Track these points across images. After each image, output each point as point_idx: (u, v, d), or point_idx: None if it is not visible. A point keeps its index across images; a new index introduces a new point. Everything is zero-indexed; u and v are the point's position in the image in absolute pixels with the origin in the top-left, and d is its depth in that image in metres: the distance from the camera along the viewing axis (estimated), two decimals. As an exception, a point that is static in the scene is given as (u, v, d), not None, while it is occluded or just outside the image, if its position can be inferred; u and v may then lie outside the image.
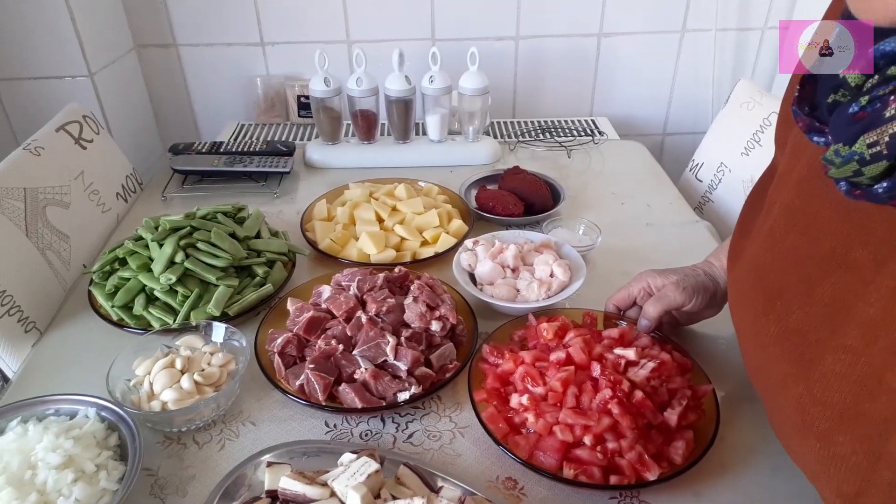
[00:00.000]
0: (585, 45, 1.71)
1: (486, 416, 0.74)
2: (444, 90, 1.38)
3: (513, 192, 1.20)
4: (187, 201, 1.31)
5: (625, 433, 0.69)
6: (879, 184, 0.42)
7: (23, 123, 1.47)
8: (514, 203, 1.17)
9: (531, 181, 1.21)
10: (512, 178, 1.23)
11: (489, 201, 1.18)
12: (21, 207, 0.99)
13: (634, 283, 0.88)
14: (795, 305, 0.55)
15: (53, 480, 0.66)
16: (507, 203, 1.16)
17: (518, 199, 1.18)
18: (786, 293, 0.56)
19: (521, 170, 1.25)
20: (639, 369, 0.75)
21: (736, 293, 0.68)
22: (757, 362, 0.62)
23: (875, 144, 0.41)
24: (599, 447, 0.69)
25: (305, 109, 1.70)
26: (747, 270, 0.64)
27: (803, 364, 0.52)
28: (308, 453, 0.72)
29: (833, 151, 0.45)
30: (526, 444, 0.72)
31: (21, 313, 0.92)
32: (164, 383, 0.78)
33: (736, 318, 0.68)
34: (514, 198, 1.18)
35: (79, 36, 1.39)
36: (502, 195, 1.19)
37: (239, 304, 0.93)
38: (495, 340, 0.86)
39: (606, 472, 0.68)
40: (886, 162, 0.41)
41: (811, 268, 0.53)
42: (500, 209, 1.16)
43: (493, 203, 1.17)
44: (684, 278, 0.83)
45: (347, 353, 0.82)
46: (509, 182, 1.22)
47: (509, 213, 1.16)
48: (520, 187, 1.20)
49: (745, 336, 0.65)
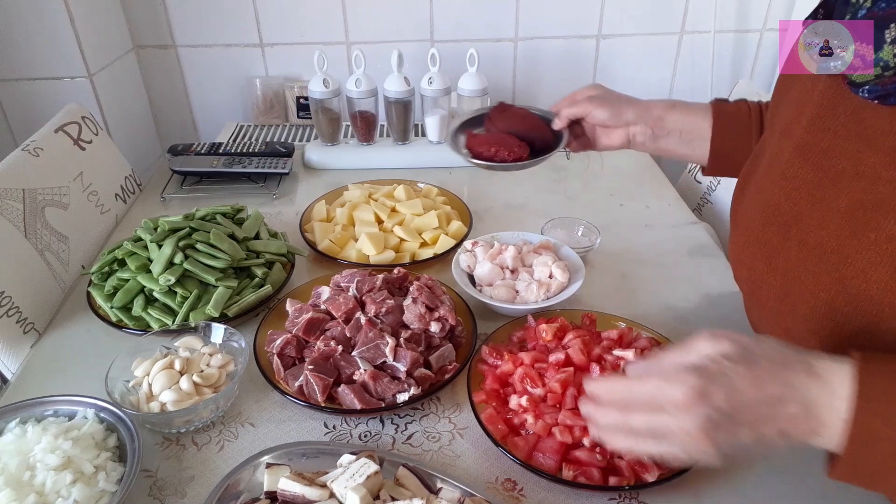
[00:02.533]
0: (584, 46, 1.71)
1: (485, 417, 0.74)
2: (443, 91, 1.38)
3: (508, 133, 1.01)
4: (186, 202, 1.31)
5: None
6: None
7: (21, 124, 1.47)
8: (517, 145, 0.97)
9: (524, 116, 1.02)
10: (500, 117, 1.03)
11: (489, 146, 0.96)
12: (20, 208, 0.99)
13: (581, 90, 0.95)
14: (812, 226, 0.58)
15: (52, 481, 0.66)
16: (511, 145, 0.97)
17: (518, 140, 0.99)
18: (801, 219, 0.60)
19: (509, 105, 1.04)
20: None
21: (743, 242, 0.71)
22: (781, 292, 0.63)
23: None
24: (598, 448, 0.69)
25: (304, 110, 1.70)
26: (755, 214, 0.67)
27: (832, 269, 0.56)
28: (307, 454, 0.72)
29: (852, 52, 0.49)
30: (525, 446, 0.72)
31: (20, 314, 0.92)
32: (163, 384, 0.78)
33: (745, 266, 0.71)
34: (513, 139, 0.98)
35: (78, 37, 1.39)
36: (500, 138, 0.99)
37: (238, 306, 0.93)
38: (494, 341, 0.86)
39: (605, 473, 0.68)
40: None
41: (824, 191, 0.57)
42: (505, 154, 0.96)
43: (494, 148, 0.96)
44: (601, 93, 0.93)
45: (346, 355, 0.82)
46: (500, 123, 1.02)
47: (517, 158, 0.96)
48: (515, 126, 1.00)
49: (761, 275, 0.67)
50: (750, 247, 0.69)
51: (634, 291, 1.03)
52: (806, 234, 0.59)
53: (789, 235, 0.61)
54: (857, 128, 0.54)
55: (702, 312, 0.97)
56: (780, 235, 0.63)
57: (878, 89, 0.50)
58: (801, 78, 0.64)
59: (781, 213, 0.63)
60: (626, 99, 0.91)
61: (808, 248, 0.59)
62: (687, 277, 1.06)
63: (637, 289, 1.04)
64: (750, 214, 0.69)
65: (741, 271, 0.73)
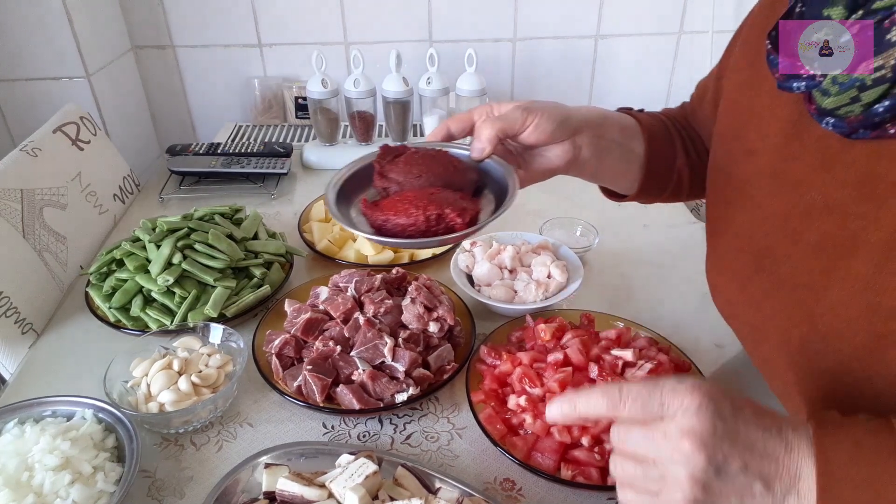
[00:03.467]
0: (582, 46, 1.72)
1: (483, 417, 0.75)
2: (441, 92, 1.38)
3: (423, 186, 0.67)
4: (184, 202, 1.31)
5: None
6: (880, 103, 0.44)
7: (20, 124, 1.47)
8: (454, 199, 0.64)
9: (431, 157, 0.69)
10: (396, 166, 0.68)
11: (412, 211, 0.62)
12: (18, 209, 0.99)
13: (477, 109, 0.71)
14: (782, 258, 0.57)
15: (51, 482, 0.65)
16: (447, 202, 0.63)
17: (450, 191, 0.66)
18: (773, 250, 0.58)
19: (398, 147, 0.71)
20: (636, 370, 0.75)
21: (719, 267, 0.69)
22: (754, 324, 0.63)
23: (880, 69, 0.43)
24: (597, 448, 0.69)
25: (303, 111, 1.70)
26: (730, 241, 0.66)
27: (802, 304, 0.55)
28: (306, 455, 0.72)
29: (830, 80, 0.47)
30: (524, 445, 0.72)
31: (18, 315, 0.92)
32: (162, 385, 0.78)
33: (721, 292, 0.70)
34: (446, 192, 0.65)
35: (76, 37, 1.39)
36: (422, 196, 0.64)
37: (236, 306, 0.93)
38: (493, 341, 0.86)
39: (604, 472, 0.68)
40: (888, 84, 0.43)
41: (796, 223, 0.56)
42: (452, 216, 0.62)
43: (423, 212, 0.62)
44: (529, 102, 0.68)
45: (345, 355, 0.82)
46: (398, 174, 0.68)
47: (473, 217, 0.64)
48: (423, 173, 0.67)
49: (736, 304, 0.66)
50: (724, 273, 0.68)
51: (633, 291, 1.03)
52: (777, 267, 0.58)
53: (762, 266, 0.60)
54: (824, 157, 0.53)
55: (700, 313, 0.97)
56: (753, 266, 0.61)
57: (842, 126, 0.48)
58: (761, 92, 0.61)
59: (754, 243, 0.61)
60: (557, 104, 0.69)
61: (779, 281, 0.57)
62: (685, 277, 1.06)
63: (635, 289, 1.04)
64: (724, 241, 0.68)
65: (717, 297, 0.71)
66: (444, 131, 0.70)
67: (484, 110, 0.70)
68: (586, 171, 0.74)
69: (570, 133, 0.69)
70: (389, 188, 0.67)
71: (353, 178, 0.70)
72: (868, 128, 0.47)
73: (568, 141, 0.69)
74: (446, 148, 0.71)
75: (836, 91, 0.46)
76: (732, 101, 0.66)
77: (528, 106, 0.67)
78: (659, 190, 0.80)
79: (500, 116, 0.67)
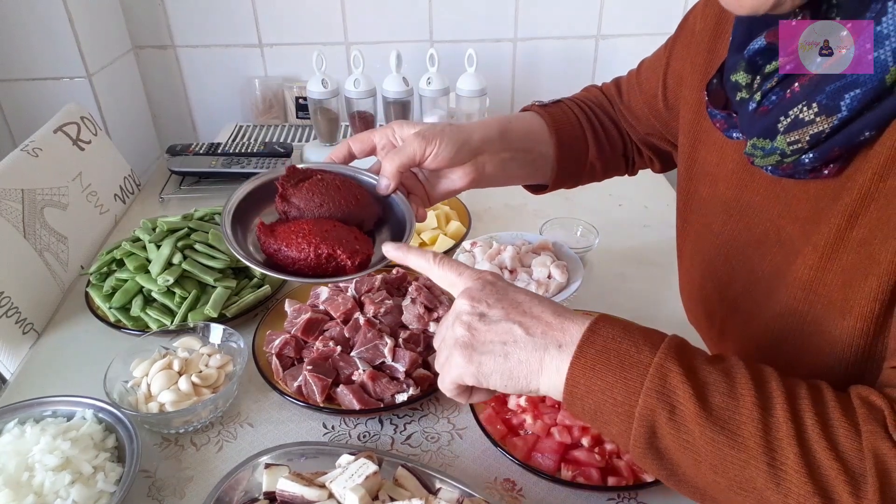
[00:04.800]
0: (583, 47, 1.71)
1: (483, 417, 0.75)
2: (441, 92, 1.38)
3: (323, 216, 0.66)
4: (185, 202, 1.31)
5: None
6: (806, 154, 0.47)
7: (20, 125, 1.47)
8: (351, 238, 0.64)
9: (335, 186, 0.68)
10: (299, 191, 0.67)
11: (304, 245, 0.62)
12: (19, 209, 0.99)
13: (379, 130, 0.72)
14: (740, 289, 0.60)
15: (51, 482, 0.66)
16: (341, 240, 0.63)
17: (343, 225, 0.66)
18: (734, 279, 0.61)
19: (306, 170, 0.69)
20: None
21: (688, 291, 0.72)
22: (716, 346, 0.67)
23: (796, 142, 0.47)
24: (597, 448, 0.69)
25: (303, 111, 1.70)
26: (696, 267, 0.68)
27: (752, 337, 0.58)
28: (306, 455, 0.72)
29: (751, 146, 0.51)
30: (524, 446, 0.72)
31: (18, 315, 0.92)
32: (162, 385, 0.78)
33: (692, 314, 0.72)
34: (340, 227, 0.65)
35: (77, 37, 1.38)
36: (316, 229, 0.63)
37: (237, 306, 0.93)
38: None
39: (604, 473, 0.68)
40: (808, 147, 0.47)
41: (750, 251, 0.58)
42: (342, 256, 0.62)
43: (315, 248, 0.61)
44: (428, 128, 0.69)
45: (345, 355, 0.82)
46: (300, 199, 0.67)
47: (363, 259, 0.63)
48: (324, 202, 0.66)
49: (703, 329, 0.70)
50: (693, 298, 0.70)
51: (633, 292, 1.03)
52: (736, 297, 0.60)
53: (725, 296, 0.62)
54: (776, 190, 0.55)
55: (700, 313, 0.97)
56: (717, 293, 0.63)
57: (779, 172, 0.51)
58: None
59: (716, 271, 0.63)
60: (455, 126, 0.71)
61: (736, 311, 0.60)
62: (685, 278, 1.06)
63: (636, 289, 1.04)
64: (692, 265, 0.69)
65: (689, 315, 0.74)
66: (345, 150, 0.71)
67: (385, 134, 0.71)
68: (493, 184, 0.76)
69: (471, 155, 0.71)
70: (289, 212, 0.67)
71: (256, 193, 0.69)
72: (803, 173, 0.49)
73: (470, 162, 0.71)
74: (356, 175, 0.71)
75: (761, 155, 0.50)
76: (688, 121, 0.67)
77: (426, 133, 0.68)
78: (573, 182, 0.83)
79: (400, 149, 0.68)
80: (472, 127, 0.72)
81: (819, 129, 0.45)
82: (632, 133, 0.82)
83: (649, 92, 0.76)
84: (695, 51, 0.65)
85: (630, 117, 0.81)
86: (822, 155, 0.46)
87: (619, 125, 0.83)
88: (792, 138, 0.47)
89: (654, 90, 0.75)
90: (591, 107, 0.82)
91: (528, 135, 0.77)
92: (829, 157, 0.46)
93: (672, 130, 0.75)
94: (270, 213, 0.69)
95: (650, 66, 0.77)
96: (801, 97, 0.46)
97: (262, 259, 0.64)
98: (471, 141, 0.70)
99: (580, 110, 0.81)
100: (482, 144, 0.71)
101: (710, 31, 0.63)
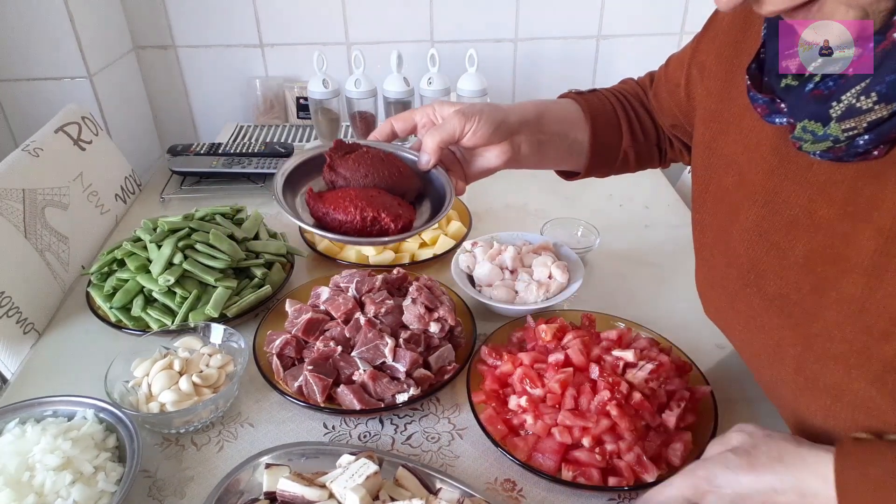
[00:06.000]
0: (584, 47, 1.71)
1: (484, 417, 0.75)
2: (442, 92, 1.38)
3: (368, 185, 0.71)
4: (186, 202, 1.31)
5: (623, 435, 0.69)
6: (861, 137, 0.46)
7: (21, 125, 1.47)
8: (393, 204, 0.70)
9: (379, 159, 0.73)
10: (345, 162, 0.72)
11: (351, 208, 0.67)
12: (20, 209, 0.99)
13: (419, 110, 0.75)
14: (771, 274, 0.58)
15: (52, 482, 0.66)
16: (386, 205, 0.68)
17: (388, 194, 0.71)
18: (758, 265, 0.59)
19: (352, 144, 0.74)
20: (637, 371, 0.75)
21: (708, 280, 0.70)
22: (746, 336, 0.64)
23: (852, 129, 0.45)
24: (598, 449, 0.69)
25: (304, 111, 1.70)
26: (717, 255, 0.66)
27: (795, 324, 0.56)
28: (307, 455, 0.72)
29: (801, 129, 0.49)
30: (524, 446, 0.72)
31: (20, 314, 0.92)
32: (163, 385, 0.78)
33: (712, 304, 0.71)
34: (383, 195, 0.70)
35: (78, 37, 1.39)
36: (362, 195, 0.69)
37: (237, 306, 0.93)
38: (493, 342, 0.86)
39: (605, 473, 0.68)
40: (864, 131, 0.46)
41: (777, 236, 0.57)
42: (387, 219, 0.67)
43: (361, 211, 0.67)
44: (468, 107, 0.72)
45: (346, 355, 0.82)
46: (346, 170, 0.72)
47: (406, 224, 0.69)
48: (368, 173, 0.71)
49: (726, 316, 0.67)
50: (714, 287, 0.68)
51: (634, 292, 1.03)
52: (766, 283, 0.59)
53: (748, 282, 0.61)
54: (808, 175, 0.54)
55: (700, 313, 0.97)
56: (740, 281, 0.62)
57: (828, 156, 0.50)
58: (738, 103, 0.62)
59: (738, 258, 0.62)
60: (494, 106, 0.73)
61: (769, 298, 0.59)
62: (687, 278, 1.05)
63: (636, 289, 1.04)
64: (712, 254, 0.68)
65: (708, 308, 0.72)
66: (388, 129, 0.75)
67: (426, 112, 0.75)
68: (528, 165, 0.79)
69: (508, 134, 0.74)
70: (336, 182, 0.72)
71: (304, 166, 0.74)
72: (853, 156, 0.48)
73: (506, 142, 0.74)
74: (397, 151, 0.75)
75: (811, 139, 0.48)
76: (709, 111, 0.67)
77: (466, 111, 0.71)
78: (606, 169, 0.84)
79: (440, 126, 0.71)
80: (510, 108, 0.75)
81: (878, 117, 0.44)
82: (661, 123, 0.83)
83: (673, 82, 0.77)
84: (721, 43, 0.66)
85: (657, 108, 0.82)
86: (880, 136, 0.45)
87: (654, 116, 0.84)
88: (847, 125, 0.46)
89: (677, 80, 0.76)
90: (627, 97, 0.84)
91: (564, 119, 0.79)
92: (885, 138, 0.46)
93: (692, 122, 0.75)
94: (318, 185, 0.73)
95: (677, 58, 0.79)
96: (854, 82, 0.45)
97: (311, 223, 0.68)
98: (508, 120, 0.73)
99: (616, 99, 0.83)
100: (519, 125, 0.74)
101: (739, 25, 0.63)
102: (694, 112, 0.73)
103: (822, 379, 0.53)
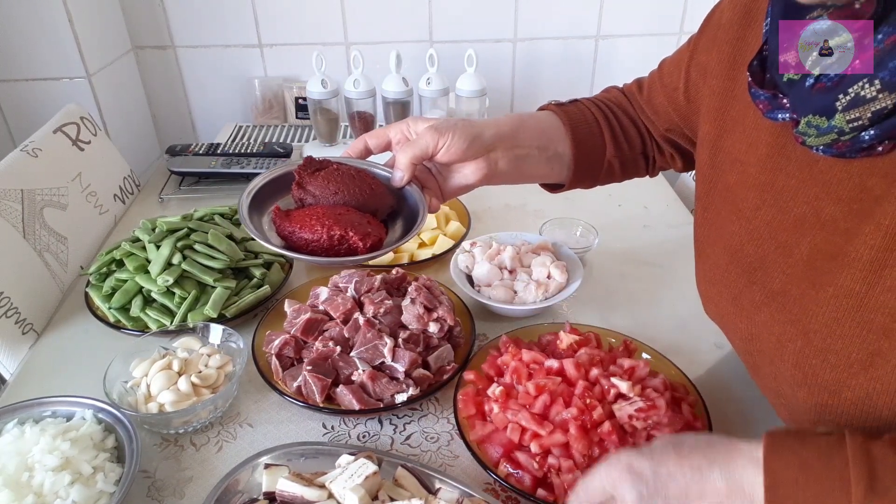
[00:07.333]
0: (583, 47, 1.71)
1: (462, 392, 0.77)
2: (441, 92, 1.38)
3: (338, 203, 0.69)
4: (184, 203, 1.31)
5: (573, 456, 0.67)
6: (866, 131, 0.46)
7: (20, 125, 1.47)
8: (363, 222, 0.67)
9: (350, 176, 0.70)
10: (315, 179, 0.69)
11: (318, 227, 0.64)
12: (18, 209, 0.99)
13: (394, 126, 0.74)
14: (775, 271, 0.58)
15: (50, 482, 0.66)
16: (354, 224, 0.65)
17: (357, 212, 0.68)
18: (765, 262, 0.59)
19: (322, 160, 0.72)
20: (626, 404, 0.71)
21: (710, 278, 0.70)
22: (747, 334, 0.64)
23: (857, 119, 0.45)
24: (539, 457, 0.68)
25: (303, 111, 1.70)
26: (720, 253, 0.66)
27: (795, 319, 0.55)
28: (306, 455, 0.72)
29: (805, 124, 0.49)
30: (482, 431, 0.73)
31: (18, 315, 0.92)
32: (162, 385, 0.78)
33: (713, 302, 0.70)
34: (353, 213, 0.67)
35: (76, 37, 1.39)
36: (330, 213, 0.66)
37: (236, 306, 0.93)
38: (519, 336, 0.86)
39: (537, 483, 0.68)
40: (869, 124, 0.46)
41: (785, 235, 0.57)
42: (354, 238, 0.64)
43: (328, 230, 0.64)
44: (441, 122, 0.71)
45: (345, 355, 0.82)
46: (315, 188, 0.69)
47: (375, 242, 0.66)
48: (339, 191, 0.69)
49: (727, 314, 0.67)
50: (716, 285, 0.68)
51: (633, 292, 1.03)
52: (770, 279, 0.59)
53: (754, 279, 0.61)
54: (813, 171, 0.53)
55: (700, 313, 0.97)
56: (745, 278, 0.62)
57: (832, 151, 0.49)
58: (742, 101, 0.61)
59: (745, 255, 0.62)
60: (468, 121, 0.72)
61: (771, 294, 0.58)
62: (685, 278, 1.05)
63: (635, 289, 1.04)
64: (714, 251, 0.68)
65: (709, 307, 0.72)
66: (361, 145, 0.73)
67: (400, 129, 0.73)
68: (507, 181, 0.77)
69: (484, 150, 0.72)
70: (305, 200, 0.69)
71: (272, 184, 0.71)
72: (857, 151, 0.48)
73: (483, 158, 0.72)
74: (371, 168, 0.73)
75: (815, 134, 0.48)
76: (713, 109, 0.66)
77: (439, 126, 0.69)
78: (591, 180, 0.83)
79: (413, 142, 0.69)
80: (486, 123, 0.73)
81: (882, 106, 0.44)
82: (653, 130, 0.82)
83: (670, 86, 0.76)
84: (721, 41, 0.65)
85: (651, 113, 0.81)
86: (885, 131, 0.45)
87: (639, 124, 0.82)
88: (852, 116, 0.46)
89: (675, 84, 0.75)
90: (609, 106, 0.82)
91: (543, 132, 0.77)
92: (891, 134, 0.46)
93: (691, 125, 0.75)
94: (286, 203, 0.71)
95: (672, 61, 0.78)
96: (861, 73, 0.45)
97: (278, 243, 0.66)
98: (483, 136, 0.71)
99: (597, 109, 0.81)
100: (495, 140, 0.72)
101: (738, 22, 0.63)
102: (693, 115, 0.73)
103: (821, 374, 0.53)
